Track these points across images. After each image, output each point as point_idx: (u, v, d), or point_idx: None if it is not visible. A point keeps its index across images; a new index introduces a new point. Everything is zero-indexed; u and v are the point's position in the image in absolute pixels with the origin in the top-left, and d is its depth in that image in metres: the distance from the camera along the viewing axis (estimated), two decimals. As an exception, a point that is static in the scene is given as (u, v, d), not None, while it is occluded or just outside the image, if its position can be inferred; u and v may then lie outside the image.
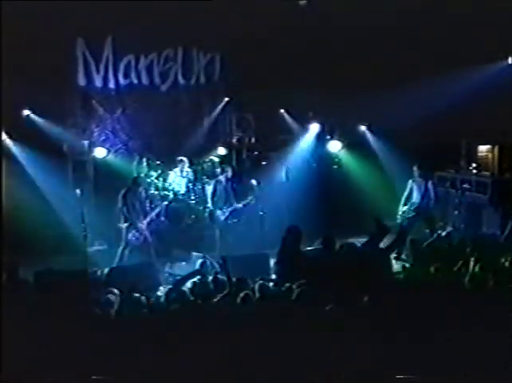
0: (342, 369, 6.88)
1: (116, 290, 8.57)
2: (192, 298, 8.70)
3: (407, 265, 11.16)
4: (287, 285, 8.65)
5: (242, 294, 8.19)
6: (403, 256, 12.33)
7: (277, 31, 14.06)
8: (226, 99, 15.19)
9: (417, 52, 14.16)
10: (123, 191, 12.85)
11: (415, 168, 13.58)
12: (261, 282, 8.93)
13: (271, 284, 9.52)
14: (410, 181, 13.65)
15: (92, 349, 7.09)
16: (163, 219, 13.48)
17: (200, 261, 11.49)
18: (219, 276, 9.64)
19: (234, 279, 8.89)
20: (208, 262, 11.50)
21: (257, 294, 8.51)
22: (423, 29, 14.19)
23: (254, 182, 13.77)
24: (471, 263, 9.24)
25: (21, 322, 7.20)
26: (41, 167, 13.65)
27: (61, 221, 13.48)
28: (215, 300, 8.46)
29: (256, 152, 15.41)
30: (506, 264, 9.41)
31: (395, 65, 14.11)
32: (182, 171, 14.48)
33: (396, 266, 11.35)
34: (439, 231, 12.99)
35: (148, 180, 14.04)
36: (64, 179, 14.17)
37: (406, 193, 13.69)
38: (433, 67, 14.06)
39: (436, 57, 14.22)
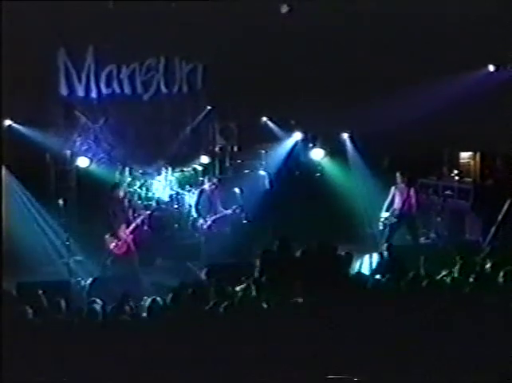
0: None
1: (99, 300, 8.53)
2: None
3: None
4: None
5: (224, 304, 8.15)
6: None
7: (260, 39, 14.09)
8: (209, 107, 15.19)
9: (399, 61, 14.21)
10: (103, 201, 12.78)
11: (398, 175, 13.56)
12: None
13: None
14: (393, 188, 13.63)
15: (76, 360, 7.06)
16: (146, 228, 13.43)
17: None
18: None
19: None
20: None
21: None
22: (406, 39, 14.29)
23: (237, 190, 13.77)
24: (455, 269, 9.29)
25: (4, 334, 7.15)
26: (23, 176, 13.57)
27: (44, 231, 13.40)
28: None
29: (239, 161, 15.40)
30: (489, 270, 9.42)
31: (378, 74, 14.17)
32: (165, 180, 14.48)
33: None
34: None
35: (131, 189, 14.01)
36: (47, 189, 14.11)
37: (389, 199, 13.63)
38: (415, 75, 14.12)
39: (418, 65, 14.29)
